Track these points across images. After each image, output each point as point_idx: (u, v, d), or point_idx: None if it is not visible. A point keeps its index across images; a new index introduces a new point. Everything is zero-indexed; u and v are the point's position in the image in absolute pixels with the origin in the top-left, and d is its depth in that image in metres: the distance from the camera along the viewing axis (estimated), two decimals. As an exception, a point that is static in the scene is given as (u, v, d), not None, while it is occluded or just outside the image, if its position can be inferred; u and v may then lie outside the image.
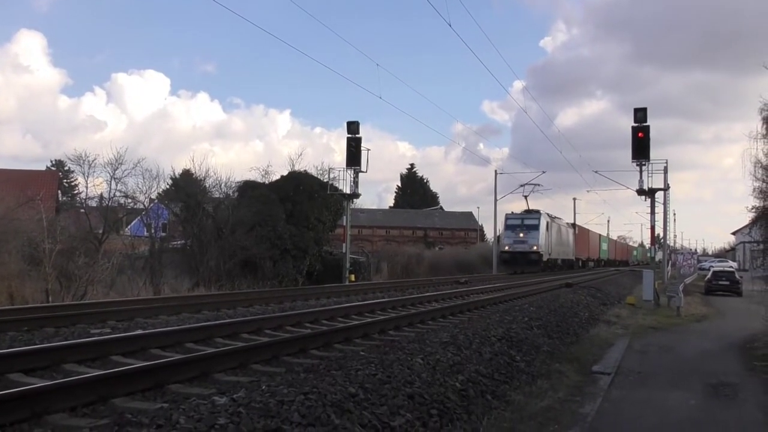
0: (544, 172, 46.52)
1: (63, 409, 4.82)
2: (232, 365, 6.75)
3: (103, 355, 6.96)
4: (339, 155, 73.22)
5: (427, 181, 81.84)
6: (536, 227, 37.39)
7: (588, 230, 60.10)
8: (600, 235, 67.36)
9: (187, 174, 27.20)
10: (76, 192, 43.58)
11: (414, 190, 78.60)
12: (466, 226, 68.18)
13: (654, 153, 21.84)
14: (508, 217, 39.46)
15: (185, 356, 7.14)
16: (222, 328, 9.09)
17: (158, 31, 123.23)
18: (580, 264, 52.23)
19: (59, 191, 41.62)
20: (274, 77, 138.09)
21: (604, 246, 68.01)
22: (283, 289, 19.85)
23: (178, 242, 24.67)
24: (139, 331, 8.70)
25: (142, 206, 24.40)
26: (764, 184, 12.75)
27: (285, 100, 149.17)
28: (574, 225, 52.15)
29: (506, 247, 37.53)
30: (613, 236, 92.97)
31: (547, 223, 39.16)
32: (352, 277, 26.34)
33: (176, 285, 20.47)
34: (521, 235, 37.10)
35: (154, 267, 21.39)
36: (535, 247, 36.62)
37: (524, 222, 37.92)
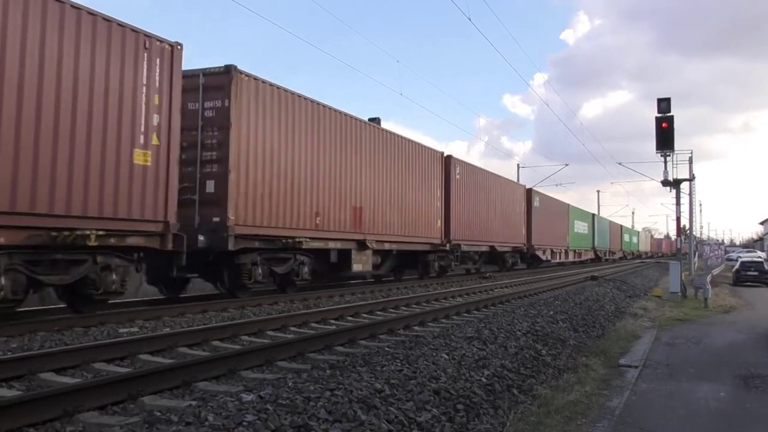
0: (567, 165, 44.95)
1: (93, 407, 4.91)
2: (258, 362, 6.81)
3: (131, 353, 7.07)
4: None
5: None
6: None
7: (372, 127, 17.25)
8: (465, 164, 24.01)
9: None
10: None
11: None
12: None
13: (680, 143, 21.64)
14: None
15: (212, 354, 7.24)
16: (247, 326, 9.18)
17: (173, 28, 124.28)
18: None
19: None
20: (293, 75, 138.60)
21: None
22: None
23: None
24: (167, 330, 8.82)
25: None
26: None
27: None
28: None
29: None
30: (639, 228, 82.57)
31: None
32: None
33: (201, 284, 20.62)
34: None
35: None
36: None
37: None
